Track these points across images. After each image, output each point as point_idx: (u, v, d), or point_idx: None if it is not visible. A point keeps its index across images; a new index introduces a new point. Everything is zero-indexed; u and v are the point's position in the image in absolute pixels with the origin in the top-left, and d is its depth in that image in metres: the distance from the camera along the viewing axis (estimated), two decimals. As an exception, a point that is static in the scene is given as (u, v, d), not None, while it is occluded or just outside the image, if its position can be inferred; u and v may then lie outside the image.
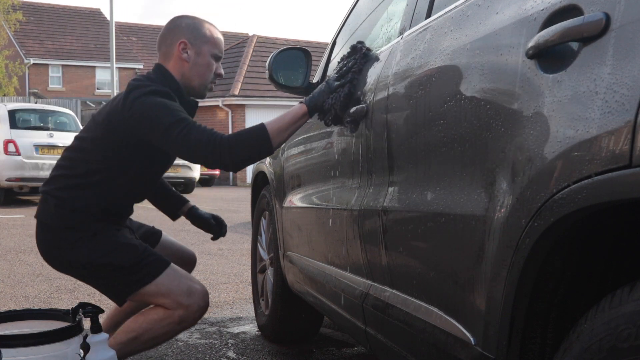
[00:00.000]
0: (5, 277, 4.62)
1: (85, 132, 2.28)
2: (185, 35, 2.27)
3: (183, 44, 2.26)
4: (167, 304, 2.17)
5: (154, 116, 2.07)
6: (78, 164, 2.23)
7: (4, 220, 8.36)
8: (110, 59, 15.35)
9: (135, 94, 2.11)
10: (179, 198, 2.65)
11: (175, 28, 2.30)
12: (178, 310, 2.16)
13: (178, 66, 2.28)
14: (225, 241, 6.56)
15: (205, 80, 2.31)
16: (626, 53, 0.87)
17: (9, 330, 1.84)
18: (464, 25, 1.37)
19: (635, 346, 0.82)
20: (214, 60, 2.31)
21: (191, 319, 2.20)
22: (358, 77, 1.99)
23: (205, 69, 2.29)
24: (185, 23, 2.31)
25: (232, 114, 20.45)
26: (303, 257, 2.51)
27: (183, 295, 2.16)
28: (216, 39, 2.32)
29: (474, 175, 1.24)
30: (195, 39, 2.27)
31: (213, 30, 2.33)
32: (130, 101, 2.11)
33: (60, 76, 31.03)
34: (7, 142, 10.31)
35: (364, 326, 1.84)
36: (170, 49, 2.28)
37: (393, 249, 1.62)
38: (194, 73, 2.28)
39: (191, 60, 2.27)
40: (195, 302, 2.18)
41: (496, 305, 1.12)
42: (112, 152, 2.19)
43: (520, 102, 1.10)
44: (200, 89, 2.32)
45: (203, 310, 2.22)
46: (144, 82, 2.18)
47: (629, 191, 0.83)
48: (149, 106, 2.09)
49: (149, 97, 2.10)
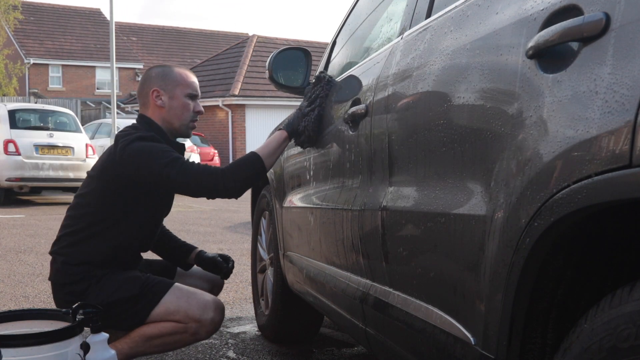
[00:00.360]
0: (5, 277, 4.62)
1: (83, 188, 2.39)
2: (156, 83, 2.40)
3: (156, 91, 2.39)
4: (180, 319, 2.24)
5: (148, 159, 2.20)
6: (80, 220, 2.33)
7: (4, 220, 8.36)
8: (110, 58, 15.34)
9: (125, 142, 2.24)
10: (186, 248, 2.71)
11: (147, 79, 2.44)
12: (191, 324, 2.24)
13: (157, 113, 2.40)
14: (225, 241, 6.56)
15: (185, 119, 2.41)
16: (626, 53, 0.87)
17: (9, 330, 1.84)
18: (464, 25, 1.37)
19: (635, 346, 0.82)
20: (190, 99, 2.41)
21: (204, 332, 2.27)
22: (325, 101, 2.28)
23: (181, 110, 2.40)
24: (155, 72, 2.44)
25: (232, 114, 20.46)
26: (303, 257, 2.51)
27: (195, 309, 2.24)
28: (187, 80, 2.42)
29: (474, 175, 1.24)
30: (166, 85, 2.39)
31: (183, 72, 2.44)
32: (120, 149, 2.24)
33: (60, 76, 31.03)
34: (7, 142, 10.30)
35: (364, 326, 1.84)
36: (146, 99, 2.42)
37: (393, 249, 1.62)
38: (172, 116, 2.39)
39: (166, 105, 2.38)
40: (209, 316, 2.25)
41: (496, 305, 1.12)
42: (111, 201, 2.30)
43: (520, 102, 1.10)
44: (181, 129, 2.42)
45: (217, 324, 2.29)
46: (130, 131, 2.31)
47: (629, 191, 0.83)
48: (140, 150, 2.22)
49: (138, 142, 2.23)
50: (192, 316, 2.23)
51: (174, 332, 2.24)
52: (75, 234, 2.31)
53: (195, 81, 2.46)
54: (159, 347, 2.29)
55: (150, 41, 35.93)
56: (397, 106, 1.64)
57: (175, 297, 2.26)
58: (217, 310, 2.28)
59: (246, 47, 22.64)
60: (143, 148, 2.22)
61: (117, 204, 2.30)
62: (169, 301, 2.24)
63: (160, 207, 2.46)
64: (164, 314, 2.24)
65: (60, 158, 10.62)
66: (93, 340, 1.97)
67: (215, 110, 20.93)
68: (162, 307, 2.24)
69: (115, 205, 2.30)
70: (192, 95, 2.41)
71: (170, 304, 2.24)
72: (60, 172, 10.58)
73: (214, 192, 2.21)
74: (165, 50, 35.69)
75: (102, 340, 2.03)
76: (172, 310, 2.23)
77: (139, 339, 2.24)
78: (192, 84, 2.43)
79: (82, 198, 2.36)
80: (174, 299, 2.25)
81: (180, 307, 2.23)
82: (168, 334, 2.24)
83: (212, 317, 2.26)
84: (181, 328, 2.24)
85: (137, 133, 2.28)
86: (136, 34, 36.07)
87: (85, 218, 2.31)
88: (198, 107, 2.44)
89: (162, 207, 2.47)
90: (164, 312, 2.24)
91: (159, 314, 2.24)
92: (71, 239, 2.31)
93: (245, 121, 20.60)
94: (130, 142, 2.23)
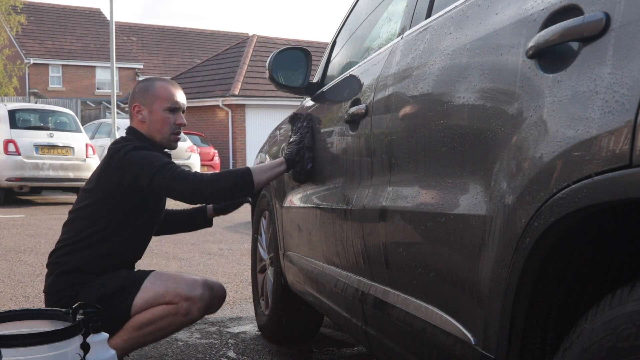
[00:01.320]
0: (5, 277, 4.62)
1: (78, 203, 2.43)
2: (137, 99, 2.46)
3: (136, 107, 2.46)
4: (170, 300, 2.26)
5: (144, 163, 2.27)
6: (76, 232, 2.36)
7: (4, 220, 8.36)
8: (110, 58, 15.35)
9: (122, 152, 2.31)
10: (199, 209, 2.77)
11: (132, 93, 2.51)
12: (181, 303, 2.26)
13: (140, 126, 2.46)
14: (225, 241, 6.57)
15: (165, 133, 2.45)
16: (626, 53, 0.87)
17: (9, 330, 1.83)
18: (464, 25, 1.37)
19: (635, 346, 0.82)
20: (169, 112, 2.44)
21: (196, 310, 2.29)
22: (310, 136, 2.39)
23: (161, 124, 2.44)
24: (138, 87, 2.50)
25: (232, 114, 20.45)
26: (303, 257, 2.51)
27: (183, 286, 2.27)
28: (167, 94, 2.45)
29: (474, 175, 1.24)
30: (145, 100, 2.45)
31: (163, 86, 2.47)
32: (118, 158, 2.31)
33: (60, 76, 31.04)
34: (7, 142, 10.30)
35: (364, 326, 1.84)
36: (130, 113, 2.49)
37: (393, 248, 1.62)
38: (152, 129, 2.45)
39: (147, 120, 2.44)
40: (198, 292, 2.28)
41: (496, 305, 1.12)
42: (109, 211, 2.34)
43: (520, 102, 1.10)
44: (163, 142, 2.47)
45: (207, 300, 2.31)
46: (125, 143, 2.38)
47: (629, 191, 0.83)
48: (138, 157, 2.29)
49: (135, 151, 2.31)
50: (180, 294, 2.26)
51: (165, 314, 2.26)
52: (72, 244, 2.34)
53: (176, 94, 2.47)
54: (154, 334, 2.30)
55: (150, 41, 35.92)
56: (397, 106, 1.64)
57: (162, 280, 2.30)
58: (206, 287, 2.32)
59: (246, 47, 22.63)
60: (141, 154, 2.29)
61: (115, 213, 2.33)
62: (156, 285, 2.28)
63: (155, 214, 2.50)
64: (152, 299, 2.26)
65: (61, 158, 10.62)
66: (93, 340, 1.97)
67: (215, 110, 20.93)
68: (150, 292, 2.26)
69: (113, 215, 2.34)
70: (172, 109, 2.44)
71: (158, 287, 2.27)
72: (61, 172, 10.58)
73: (191, 197, 2.26)
74: (165, 50, 35.69)
75: (102, 340, 2.02)
76: (161, 293, 2.26)
77: (132, 328, 2.26)
78: (171, 98, 2.45)
79: (78, 212, 2.39)
80: (160, 282, 2.29)
81: (168, 287, 2.27)
82: (160, 317, 2.26)
83: (202, 293, 2.29)
84: (172, 309, 2.26)
85: (132, 144, 2.34)
86: (136, 34, 36.07)
87: (82, 230, 2.34)
88: (180, 119, 2.46)
89: (156, 214, 2.51)
90: (153, 296, 2.26)
91: (147, 300, 2.26)
92: (67, 249, 2.34)
93: (245, 121, 20.59)
94: (128, 151, 2.30)
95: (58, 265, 2.33)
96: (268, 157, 3.14)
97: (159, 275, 2.34)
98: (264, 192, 3.24)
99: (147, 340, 2.31)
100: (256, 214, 3.42)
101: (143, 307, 2.26)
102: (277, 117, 16.89)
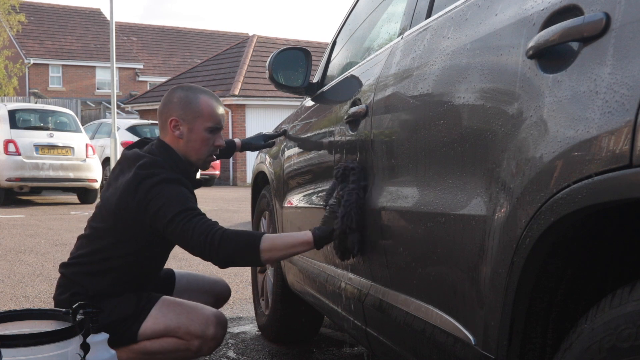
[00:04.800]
0: (5, 277, 4.62)
1: (97, 221, 2.25)
2: (176, 111, 2.22)
3: (174, 121, 2.21)
4: (181, 336, 2.16)
5: (165, 204, 2.05)
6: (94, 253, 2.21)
7: (4, 220, 8.36)
8: (111, 59, 15.33)
9: (149, 184, 2.09)
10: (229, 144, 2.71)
11: (169, 102, 2.26)
12: (193, 341, 2.15)
13: (174, 142, 2.24)
14: (225, 241, 6.56)
15: (202, 154, 2.25)
16: (626, 53, 0.87)
17: (9, 330, 1.83)
18: (464, 26, 1.37)
19: (635, 346, 0.82)
20: (210, 133, 2.24)
21: (206, 349, 2.19)
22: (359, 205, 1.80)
23: (200, 144, 2.23)
24: (177, 97, 2.24)
25: (232, 114, 20.44)
26: (303, 257, 2.51)
27: (197, 325, 2.15)
28: (211, 111, 2.23)
29: (474, 175, 1.24)
30: (186, 115, 2.21)
31: (208, 101, 2.24)
32: (144, 191, 2.08)
33: (60, 76, 31.04)
34: (7, 142, 10.30)
35: (364, 326, 1.84)
36: (164, 124, 2.25)
37: (393, 249, 1.62)
38: (189, 149, 2.23)
39: (184, 137, 2.22)
40: (211, 332, 2.16)
41: (496, 305, 1.12)
42: (126, 242, 2.18)
43: (520, 102, 1.10)
44: (198, 163, 2.27)
45: (220, 339, 2.20)
46: (154, 170, 2.12)
47: (629, 191, 0.83)
48: (163, 195, 2.07)
49: (163, 186, 2.08)
50: (193, 333, 2.14)
51: (175, 349, 2.16)
52: (89, 264, 2.21)
53: (220, 112, 2.26)
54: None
55: (150, 41, 35.92)
56: (397, 106, 1.64)
57: (175, 313, 2.16)
58: (219, 326, 2.18)
59: (246, 47, 22.62)
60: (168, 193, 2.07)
61: (132, 244, 2.18)
62: (168, 318, 2.15)
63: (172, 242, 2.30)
64: (163, 331, 2.15)
65: (61, 158, 10.62)
66: (93, 340, 1.97)
67: (215, 110, 20.91)
68: (160, 324, 2.14)
69: (130, 245, 2.18)
70: (213, 129, 2.23)
71: (170, 321, 2.15)
72: (61, 172, 10.58)
73: (198, 254, 2.05)
74: (165, 50, 35.70)
75: (102, 340, 2.02)
76: (173, 328, 2.14)
77: (140, 352, 2.17)
78: (215, 117, 2.23)
79: (97, 231, 2.23)
80: (173, 315, 2.16)
81: (180, 323, 2.14)
82: (170, 351, 2.17)
83: (214, 333, 2.16)
84: (183, 345, 2.16)
85: (162, 174, 2.11)
86: (136, 34, 36.07)
87: (99, 252, 2.20)
88: (219, 140, 2.26)
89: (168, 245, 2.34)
90: (163, 329, 2.14)
91: (156, 331, 2.15)
92: (84, 269, 2.22)
93: (245, 121, 20.57)
94: (155, 184, 2.08)
95: (73, 284, 2.21)
96: (268, 157, 3.14)
97: (171, 306, 2.19)
98: (264, 192, 3.24)
99: None
100: (256, 214, 3.42)
101: (152, 336, 2.16)
102: (277, 117, 16.89)
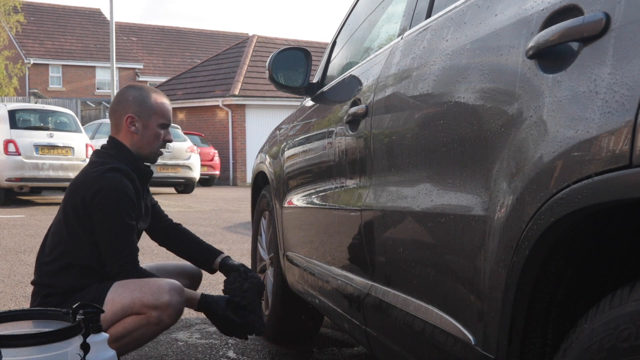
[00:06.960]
0: (5, 277, 4.62)
1: (59, 215, 2.38)
2: (132, 109, 2.39)
3: (130, 118, 2.38)
4: (139, 310, 2.20)
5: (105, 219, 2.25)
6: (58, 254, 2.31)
7: (4, 220, 8.36)
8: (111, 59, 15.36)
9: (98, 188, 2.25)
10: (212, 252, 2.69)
11: (123, 101, 2.42)
12: (150, 312, 2.19)
13: (128, 138, 2.40)
14: (225, 241, 6.56)
15: (155, 148, 2.44)
16: (626, 53, 0.87)
17: (9, 330, 1.83)
18: (464, 26, 1.37)
19: (635, 346, 0.82)
20: (162, 129, 2.43)
21: (166, 317, 2.21)
22: None
23: (153, 139, 2.42)
24: (132, 96, 2.42)
25: (232, 114, 20.45)
26: (303, 257, 2.51)
27: (149, 296, 2.20)
28: (163, 109, 2.43)
29: (474, 175, 1.24)
30: (142, 112, 2.39)
31: (160, 101, 2.44)
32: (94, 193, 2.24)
33: (60, 76, 31.05)
34: (7, 142, 10.30)
35: (364, 326, 1.84)
36: (119, 122, 2.41)
37: (393, 249, 1.62)
38: (143, 143, 2.41)
39: (139, 132, 2.40)
40: (164, 299, 2.19)
41: (496, 305, 1.12)
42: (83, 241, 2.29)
43: (520, 102, 1.10)
44: (150, 156, 2.45)
45: (176, 305, 2.22)
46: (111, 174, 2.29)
47: (629, 191, 0.83)
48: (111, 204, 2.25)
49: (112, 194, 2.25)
50: (148, 304, 2.19)
51: (137, 326, 2.20)
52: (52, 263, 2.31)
53: (170, 110, 2.48)
54: (130, 345, 2.24)
55: (150, 41, 35.93)
56: (397, 106, 1.64)
57: (127, 290, 2.22)
58: (172, 292, 2.22)
59: (246, 47, 22.62)
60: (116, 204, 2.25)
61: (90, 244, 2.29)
62: (122, 296, 2.21)
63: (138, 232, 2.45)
64: (120, 312, 2.20)
65: (61, 158, 10.62)
66: (93, 340, 1.97)
67: (215, 110, 20.92)
68: (117, 305, 2.20)
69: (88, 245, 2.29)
70: (164, 125, 2.43)
71: (124, 299, 2.21)
72: (61, 172, 10.58)
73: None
74: (165, 50, 35.70)
75: (102, 340, 2.02)
76: (128, 304, 2.20)
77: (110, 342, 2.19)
78: (167, 114, 2.44)
79: (58, 226, 2.35)
80: (126, 292, 2.22)
81: (134, 298, 2.20)
82: (132, 329, 2.21)
83: (169, 299, 2.20)
84: (143, 320, 2.20)
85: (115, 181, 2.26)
86: (136, 34, 36.07)
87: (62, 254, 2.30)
88: (168, 135, 2.46)
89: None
90: (120, 309, 2.20)
91: (115, 312, 2.20)
92: (48, 269, 2.31)
93: (245, 121, 20.58)
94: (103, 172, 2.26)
95: (44, 286, 2.30)
96: (268, 157, 3.14)
97: (125, 285, 2.26)
98: (264, 192, 3.24)
99: (125, 350, 2.25)
100: (256, 214, 3.42)
101: (113, 320, 2.20)
102: (277, 117, 16.90)
